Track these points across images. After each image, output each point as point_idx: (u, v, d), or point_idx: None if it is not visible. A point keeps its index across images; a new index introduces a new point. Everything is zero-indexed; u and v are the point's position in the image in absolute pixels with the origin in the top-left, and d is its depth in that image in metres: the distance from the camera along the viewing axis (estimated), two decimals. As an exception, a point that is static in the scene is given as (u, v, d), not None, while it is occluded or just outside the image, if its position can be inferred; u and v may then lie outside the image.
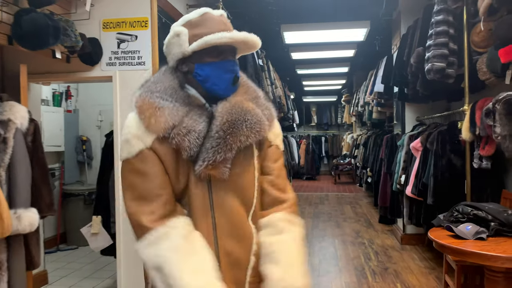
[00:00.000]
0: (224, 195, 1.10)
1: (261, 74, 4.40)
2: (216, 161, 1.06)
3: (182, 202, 1.13)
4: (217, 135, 1.07)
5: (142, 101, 1.11)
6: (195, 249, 1.06)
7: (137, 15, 3.01)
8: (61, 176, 4.92)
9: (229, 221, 1.10)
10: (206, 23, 1.12)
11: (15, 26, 2.30)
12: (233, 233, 1.10)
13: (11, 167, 2.03)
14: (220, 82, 1.12)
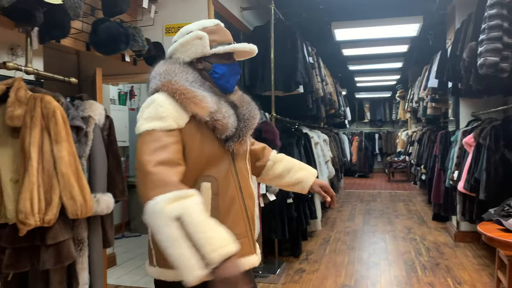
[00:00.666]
0: (241, 164, 1.43)
1: (311, 71, 4.52)
2: (245, 137, 1.39)
3: (205, 173, 1.32)
4: (245, 117, 1.39)
5: (182, 88, 1.30)
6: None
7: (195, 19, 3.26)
8: (126, 169, 5.36)
9: (245, 184, 1.42)
10: (220, 32, 1.42)
11: (93, 34, 2.63)
12: (248, 193, 1.43)
13: (91, 157, 2.34)
14: (232, 80, 1.43)
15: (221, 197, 1.32)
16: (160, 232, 1.09)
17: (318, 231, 5.19)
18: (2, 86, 2.06)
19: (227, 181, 1.35)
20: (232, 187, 1.36)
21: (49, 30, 2.18)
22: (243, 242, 1.33)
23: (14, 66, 2.09)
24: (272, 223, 3.71)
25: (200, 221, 1.10)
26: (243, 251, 1.32)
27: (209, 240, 1.07)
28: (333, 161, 7.02)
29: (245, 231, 1.37)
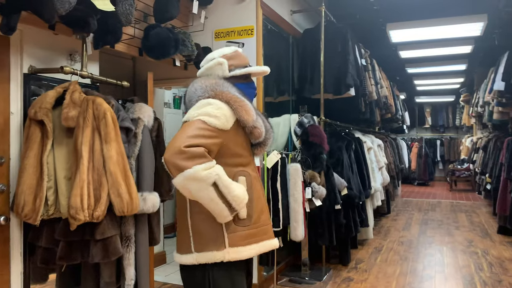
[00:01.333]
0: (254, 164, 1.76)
1: (364, 73, 4.39)
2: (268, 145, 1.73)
3: (241, 168, 1.65)
4: (269, 129, 1.75)
5: (235, 97, 1.62)
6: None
7: (244, 24, 3.30)
8: (179, 170, 5.52)
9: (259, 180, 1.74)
10: (238, 58, 1.75)
11: (144, 39, 2.74)
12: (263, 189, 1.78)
13: (139, 157, 2.43)
14: (250, 95, 1.75)
15: (254, 190, 1.63)
16: (201, 193, 1.49)
17: (369, 240, 5.00)
18: (59, 89, 2.21)
19: (256, 177, 1.67)
20: (259, 183, 1.68)
21: (102, 36, 2.31)
22: (268, 228, 1.66)
23: (70, 70, 2.23)
24: (319, 229, 3.63)
25: (227, 185, 1.51)
26: (270, 234, 1.66)
27: (235, 198, 1.52)
28: (389, 168, 6.76)
29: (268, 218, 1.69)
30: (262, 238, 1.61)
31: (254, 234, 1.59)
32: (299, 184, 3.03)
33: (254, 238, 1.58)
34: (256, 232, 1.59)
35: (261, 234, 1.60)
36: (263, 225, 1.62)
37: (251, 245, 1.57)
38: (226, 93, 1.61)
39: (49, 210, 2.13)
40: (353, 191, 3.84)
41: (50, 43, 2.40)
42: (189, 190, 1.49)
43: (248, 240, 1.58)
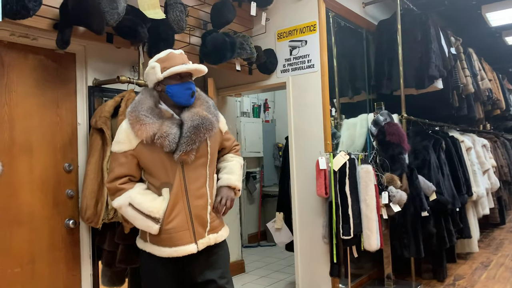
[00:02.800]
0: (191, 171, 1.77)
1: (453, 63, 3.87)
2: (187, 150, 1.71)
3: (165, 180, 1.77)
4: (187, 134, 1.72)
5: (133, 117, 1.73)
6: (148, 193, 1.80)
7: (306, 21, 3.15)
8: (261, 179, 5.49)
9: (195, 187, 1.78)
10: (171, 59, 1.79)
11: (202, 46, 2.77)
12: (197, 194, 1.78)
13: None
14: (182, 96, 1.78)
15: (171, 197, 1.75)
16: (126, 215, 1.80)
17: (474, 254, 4.35)
18: (117, 98, 2.31)
19: (176, 186, 1.75)
20: (178, 190, 1.75)
21: (155, 44, 2.37)
22: (183, 234, 1.75)
23: (126, 80, 2.33)
24: (404, 239, 3.25)
25: (141, 202, 1.75)
26: (184, 241, 1.75)
27: (150, 209, 1.75)
28: (500, 172, 5.88)
29: (186, 224, 1.76)
30: (174, 244, 1.77)
31: (166, 239, 1.78)
32: (371, 187, 2.73)
33: (166, 242, 1.78)
34: (168, 238, 1.77)
35: (173, 240, 1.76)
36: (173, 232, 1.76)
37: (164, 248, 1.78)
38: (132, 112, 1.75)
39: (109, 214, 2.21)
40: (444, 196, 3.37)
41: (113, 57, 2.54)
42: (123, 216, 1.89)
43: (162, 243, 1.79)
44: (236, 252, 4.03)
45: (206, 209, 1.81)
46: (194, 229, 1.77)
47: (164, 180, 1.76)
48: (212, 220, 1.83)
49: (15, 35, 2.10)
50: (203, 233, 1.79)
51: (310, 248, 3.12)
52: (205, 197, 1.81)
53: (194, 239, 1.77)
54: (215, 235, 1.84)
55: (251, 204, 5.34)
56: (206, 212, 1.80)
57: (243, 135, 5.03)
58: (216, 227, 1.86)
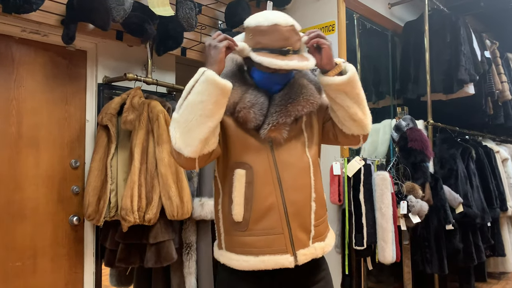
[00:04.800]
0: (285, 154, 1.28)
1: (487, 68, 3.62)
2: (278, 123, 1.25)
3: (241, 159, 1.27)
4: (280, 103, 1.27)
5: None
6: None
7: (325, 21, 3.04)
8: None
9: (290, 176, 1.27)
10: (271, 35, 1.22)
11: (215, 45, 2.72)
12: (293, 186, 1.27)
13: (200, 162, 2.37)
14: (266, 86, 1.30)
15: (255, 187, 1.25)
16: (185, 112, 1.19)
17: (509, 274, 4.03)
18: (124, 95, 2.29)
19: (264, 171, 1.26)
20: (267, 177, 1.26)
21: (163, 42, 2.34)
22: (275, 239, 1.24)
23: (133, 77, 2.31)
24: (426, 254, 3.03)
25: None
26: (274, 249, 1.24)
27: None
28: (543, 187, 5.46)
29: (280, 227, 1.24)
30: (262, 251, 1.23)
31: (251, 243, 1.24)
32: (387, 196, 2.56)
33: (250, 248, 1.24)
34: (255, 242, 1.24)
35: (262, 245, 1.23)
36: (263, 234, 1.23)
37: (246, 256, 1.24)
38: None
39: (110, 212, 2.19)
40: (472, 209, 3.12)
41: (125, 55, 2.54)
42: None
43: (244, 249, 1.25)
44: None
45: (308, 206, 1.28)
46: (292, 233, 1.25)
47: (245, 160, 1.27)
48: (317, 222, 1.30)
49: (26, 31, 2.13)
50: (305, 240, 1.27)
51: (324, 258, 2.96)
52: (306, 189, 1.29)
53: (292, 249, 1.24)
54: (321, 244, 1.31)
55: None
56: (309, 211, 1.28)
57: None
58: (323, 232, 1.34)
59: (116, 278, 2.55)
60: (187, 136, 1.16)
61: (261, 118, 1.25)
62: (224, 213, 1.31)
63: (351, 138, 1.35)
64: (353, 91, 1.27)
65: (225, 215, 1.31)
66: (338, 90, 1.26)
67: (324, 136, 1.41)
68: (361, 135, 1.35)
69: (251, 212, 1.24)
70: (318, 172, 1.35)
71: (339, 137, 1.37)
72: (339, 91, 1.26)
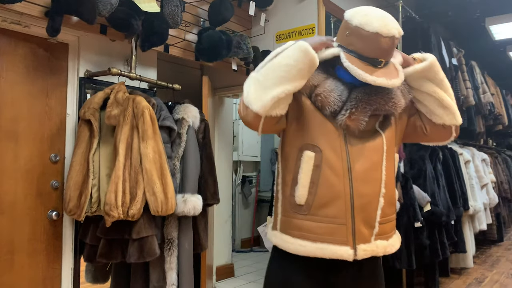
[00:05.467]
0: (358, 145, 1.23)
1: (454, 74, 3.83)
2: (357, 111, 1.21)
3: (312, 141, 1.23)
4: (362, 92, 1.23)
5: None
6: None
7: (305, 23, 3.13)
8: (257, 183, 5.44)
9: (362, 167, 1.22)
10: (368, 43, 1.19)
11: (198, 42, 2.74)
12: (365, 178, 1.22)
13: (183, 159, 2.39)
14: (351, 82, 1.26)
15: (323, 172, 1.21)
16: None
17: (469, 269, 4.27)
18: (107, 90, 2.28)
19: (334, 158, 1.22)
20: (337, 164, 1.21)
21: (148, 37, 2.34)
22: (337, 228, 1.20)
23: (117, 72, 2.30)
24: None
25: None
26: (334, 238, 1.19)
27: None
28: (500, 188, 5.80)
29: (343, 217, 1.20)
30: (321, 238, 1.18)
31: (310, 228, 1.19)
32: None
33: (308, 233, 1.20)
34: (314, 228, 1.19)
35: (322, 232, 1.19)
36: (325, 221, 1.19)
37: (302, 240, 1.20)
38: None
39: (92, 207, 2.17)
40: (439, 208, 3.30)
41: (107, 49, 2.52)
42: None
43: (301, 233, 1.20)
44: (226, 256, 3.97)
45: (376, 201, 1.23)
46: (355, 226, 1.20)
47: (315, 143, 1.23)
48: (383, 219, 1.25)
49: (6, 21, 2.08)
50: (368, 236, 1.22)
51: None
52: (376, 183, 1.24)
53: (353, 241, 1.20)
54: (384, 243, 1.26)
55: (246, 208, 5.28)
56: (376, 206, 1.23)
57: (240, 139, 4.99)
58: (388, 232, 1.28)
59: (92, 275, 2.52)
60: (262, 92, 1.15)
61: (339, 104, 1.21)
62: (284, 193, 1.27)
63: (441, 130, 1.31)
64: (437, 77, 1.27)
65: (285, 195, 1.27)
66: (422, 77, 1.27)
67: (411, 132, 1.36)
68: (453, 126, 1.31)
69: (315, 196, 1.20)
70: (391, 168, 1.29)
71: (428, 129, 1.33)
72: (423, 79, 1.27)
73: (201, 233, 2.51)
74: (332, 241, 1.19)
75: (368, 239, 1.21)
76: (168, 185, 2.14)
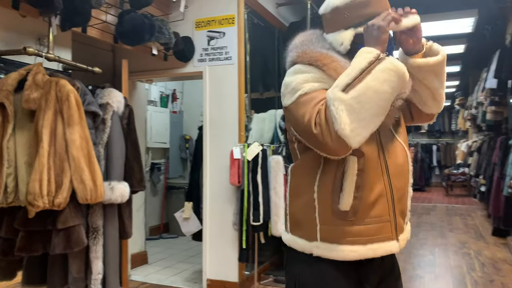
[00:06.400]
0: (389, 140, 1.24)
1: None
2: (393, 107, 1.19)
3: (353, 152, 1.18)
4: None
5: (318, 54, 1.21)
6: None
7: (225, 13, 3.21)
8: (166, 170, 5.40)
9: (393, 160, 1.24)
10: (375, 3, 1.19)
11: (118, 25, 2.65)
12: (397, 171, 1.24)
13: (108, 145, 2.32)
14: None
15: (366, 175, 1.19)
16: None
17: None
18: (22, 71, 2.10)
19: (374, 157, 1.21)
20: (377, 164, 1.21)
21: (70, 17, 2.21)
22: (383, 226, 1.21)
23: (34, 52, 2.12)
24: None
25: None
26: (383, 236, 1.21)
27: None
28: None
29: (387, 214, 1.21)
30: (371, 239, 1.19)
31: (359, 233, 1.19)
32: (280, 177, 2.91)
33: (358, 237, 1.19)
34: (363, 231, 1.19)
35: (371, 234, 1.19)
36: (373, 222, 1.20)
37: (353, 246, 1.18)
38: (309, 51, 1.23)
39: (8, 197, 2.01)
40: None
41: (17, 26, 2.30)
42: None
43: (351, 239, 1.19)
44: (140, 243, 3.92)
45: (407, 191, 1.29)
46: (396, 220, 1.24)
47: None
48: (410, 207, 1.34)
49: None
50: (402, 225, 1.28)
51: (220, 236, 3.19)
52: (406, 175, 1.28)
53: (396, 234, 1.24)
54: (408, 227, 1.34)
55: (154, 196, 5.22)
56: (407, 196, 1.29)
57: (149, 125, 4.89)
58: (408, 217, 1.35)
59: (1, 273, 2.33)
60: (359, 124, 1.07)
61: None
62: (322, 202, 1.21)
63: (425, 117, 1.37)
64: (443, 72, 1.26)
65: (324, 204, 1.21)
66: (430, 71, 1.24)
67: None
68: (436, 113, 1.36)
69: (361, 200, 1.18)
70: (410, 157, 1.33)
71: (415, 117, 1.37)
72: (430, 72, 1.24)
73: (126, 221, 2.47)
74: (381, 239, 1.20)
75: (403, 228, 1.27)
76: (96, 172, 2.08)
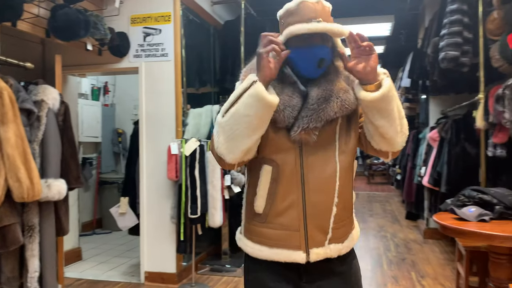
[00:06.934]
0: (312, 156, 1.27)
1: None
2: (308, 128, 1.23)
3: (270, 156, 1.28)
4: (312, 107, 1.24)
5: (246, 70, 1.31)
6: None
7: (161, 10, 3.25)
8: (98, 165, 5.28)
9: (315, 178, 1.27)
10: (300, 12, 1.22)
11: (51, 19, 2.59)
12: (317, 188, 1.27)
13: (43, 142, 2.30)
14: (304, 65, 1.25)
15: (279, 184, 1.27)
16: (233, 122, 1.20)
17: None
18: None
19: (290, 171, 1.27)
20: (292, 177, 1.27)
21: (0, 12, 2.14)
22: (291, 235, 1.28)
23: (-39, 46, 2.05)
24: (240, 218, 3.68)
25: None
26: (289, 244, 1.28)
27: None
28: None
29: (296, 224, 1.28)
30: (277, 244, 1.28)
31: (267, 235, 1.29)
32: (217, 171, 3.05)
33: (266, 239, 1.29)
34: (271, 234, 1.28)
35: (277, 239, 1.28)
36: (281, 229, 1.28)
37: (261, 246, 1.30)
38: (245, 74, 1.30)
39: None
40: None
41: None
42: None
43: (260, 239, 1.30)
44: (73, 240, 3.86)
45: (329, 209, 1.30)
46: (308, 232, 1.28)
47: (273, 157, 1.28)
48: (337, 225, 1.31)
49: None
50: (321, 240, 1.30)
51: (157, 229, 3.26)
52: (330, 193, 1.29)
53: (305, 246, 1.29)
54: (338, 246, 1.32)
55: (86, 191, 5.09)
56: (329, 214, 1.30)
57: (80, 119, 4.75)
58: (342, 236, 1.34)
59: None
60: (231, 144, 1.21)
61: (291, 120, 1.25)
62: (247, 202, 1.36)
63: (379, 152, 1.33)
64: (387, 108, 1.21)
65: (247, 204, 1.35)
66: (371, 107, 1.22)
67: (359, 141, 1.37)
68: (390, 152, 1.31)
69: (272, 206, 1.28)
70: (347, 176, 1.32)
71: (368, 148, 1.35)
72: (371, 108, 1.22)
73: (63, 217, 2.48)
74: (286, 246, 1.27)
75: (321, 243, 1.29)
76: (33, 170, 2.07)
